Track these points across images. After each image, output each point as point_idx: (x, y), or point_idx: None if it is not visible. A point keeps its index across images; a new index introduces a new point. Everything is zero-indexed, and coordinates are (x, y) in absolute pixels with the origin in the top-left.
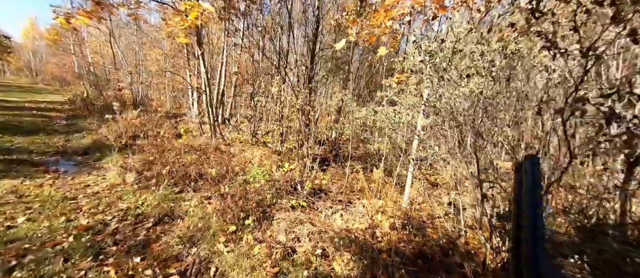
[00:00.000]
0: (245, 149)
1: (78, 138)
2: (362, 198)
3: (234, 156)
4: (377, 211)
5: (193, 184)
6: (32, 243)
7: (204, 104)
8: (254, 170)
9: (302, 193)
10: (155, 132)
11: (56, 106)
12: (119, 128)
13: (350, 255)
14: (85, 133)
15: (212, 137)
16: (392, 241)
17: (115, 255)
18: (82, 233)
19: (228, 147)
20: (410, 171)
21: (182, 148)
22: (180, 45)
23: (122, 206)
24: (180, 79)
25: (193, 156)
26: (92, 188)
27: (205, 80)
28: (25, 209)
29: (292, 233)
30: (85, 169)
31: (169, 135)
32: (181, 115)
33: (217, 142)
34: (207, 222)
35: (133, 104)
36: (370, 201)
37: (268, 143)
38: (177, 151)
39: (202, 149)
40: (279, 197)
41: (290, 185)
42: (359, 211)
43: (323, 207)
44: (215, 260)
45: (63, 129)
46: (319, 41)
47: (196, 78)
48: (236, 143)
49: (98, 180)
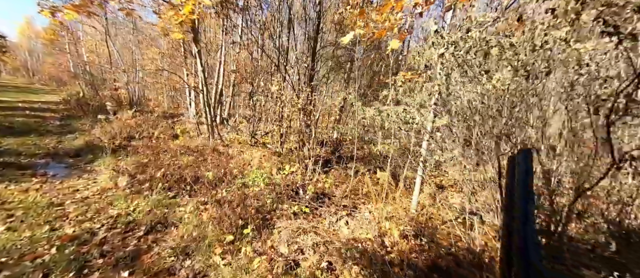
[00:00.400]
0: (244, 150)
1: (71, 139)
2: (367, 203)
3: (232, 158)
4: (386, 218)
5: (189, 188)
6: (10, 257)
7: (202, 104)
8: (253, 173)
9: (305, 198)
10: (151, 133)
11: (51, 106)
12: (113, 129)
13: (359, 269)
14: (78, 134)
15: (209, 138)
16: (403, 251)
17: (101, 269)
18: (67, 244)
19: (226, 148)
20: (419, 174)
21: (178, 149)
22: (177, 44)
23: (112, 213)
24: (177, 78)
25: (189, 158)
26: (81, 193)
27: (202, 79)
28: (7, 217)
29: (294, 243)
30: (75, 172)
31: (165, 136)
32: (179, 116)
33: (215, 143)
34: (202, 231)
35: (129, 104)
36: (376, 206)
37: (267, 144)
38: (173, 153)
39: (199, 151)
40: (279, 203)
41: (292, 189)
42: (366, 217)
43: (327, 213)
44: (211, 274)
45: (56, 129)
46: (320, 38)
47: (193, 77)
48: (235, 144)
49: (88, 184)
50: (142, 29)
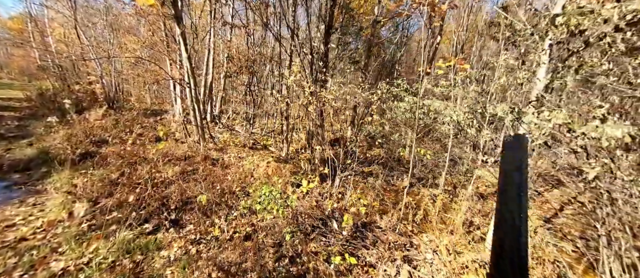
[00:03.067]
0: (243, 156)
1: (23, 146)
2: (423, 232)
3: (228, 167)
4: (463, 266)
5: (174, 216)
6: None
7: (189, 100)
8: (261, 190)
9: (340, 233)
10: (127, 135)
11: (13, 103)
12: (76, 132)
13: None
14: (35, 138)
15: (199, 141)
16: None
17: None
18: None
19: (220, 153)
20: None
21: (161, 158)
22: (158, 28)
23: (55, 267)
24: (160, 70)
25: (175, 169)
26: (16, 232)
27: (188, 70)
28: None
29: None
30: (18, 195)
31: (146, 138)
32: (162, 113)
33: (206, 148)
34: None
35: (106, 100)
36: (439, 240)
37: (269, 146)
38: (154, 164)
39: (187, 159)
40: (304, 242)
41: (318, 217)
42: (429, 260)
43: (375, 257)
44: None
45: (11, 132)
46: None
47: (178, 68)
48: (230, 148)
49: (32, 213)
50: (118, 14)
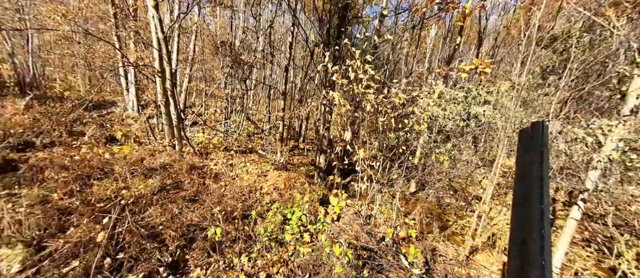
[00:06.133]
0: (233, 163)
1: None
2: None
3: (218, 178)
4: None
5: (169, 257)
6: None
7: (159, 92)
8: (292, 216)
9: (409, 270)
10: (65, 137)
11: None
12: None
13: None
14: None
15: (175, 145)
16: None
17: None
18: None
19: (203, 160)
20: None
21: (127, 168)
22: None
23: None
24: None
25: (149, 182)
26: None
27: (162, 54)
28: None
29: None
30: None
31: (93, 140)
32: (108, 105)
33: (185, 153)
34: None
35: (18, 86)
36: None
37: (256, 149)
38: (118, 176)
39: (163, 168)
40: None
41: (366, 246)
42: None
43: None
44: None
45: None
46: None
47: (135, 48)
48: (215, 153)
49: None
50: None
